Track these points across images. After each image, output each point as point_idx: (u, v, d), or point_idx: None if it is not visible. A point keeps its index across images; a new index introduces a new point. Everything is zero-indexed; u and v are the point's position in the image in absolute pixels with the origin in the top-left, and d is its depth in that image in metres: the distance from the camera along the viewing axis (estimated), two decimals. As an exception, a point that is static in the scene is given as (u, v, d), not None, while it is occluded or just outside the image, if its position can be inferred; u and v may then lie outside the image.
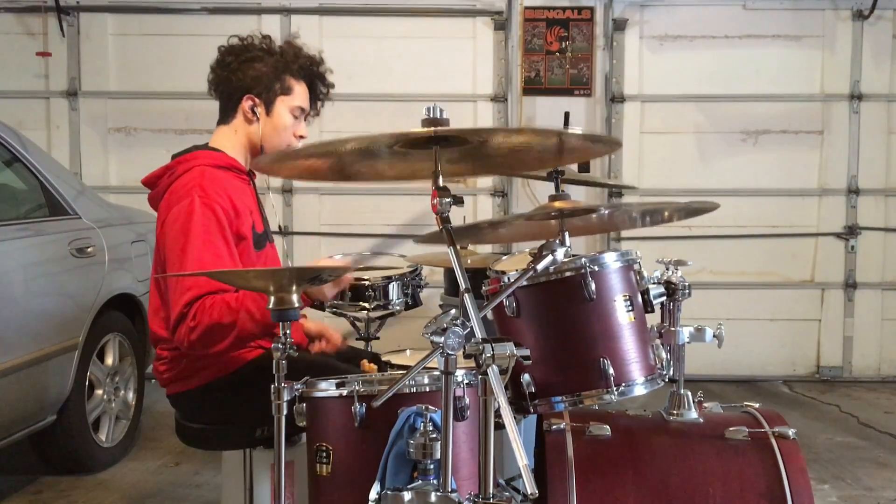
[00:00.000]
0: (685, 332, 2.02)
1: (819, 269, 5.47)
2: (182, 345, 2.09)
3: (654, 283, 1.99)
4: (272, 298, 1.72)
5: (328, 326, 2.55)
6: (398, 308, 3.09)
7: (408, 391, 1.74)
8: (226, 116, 2.41)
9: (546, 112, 5.31)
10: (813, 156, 5.43)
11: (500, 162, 1.87)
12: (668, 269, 2.03)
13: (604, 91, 5.36)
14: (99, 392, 3.74)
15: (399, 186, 5.21)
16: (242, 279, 1.90)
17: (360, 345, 3.17)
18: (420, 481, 1.61)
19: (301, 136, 2.42)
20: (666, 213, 2.26)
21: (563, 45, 5.34)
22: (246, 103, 2.35)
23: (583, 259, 1.87)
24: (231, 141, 2.39)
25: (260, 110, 2.35)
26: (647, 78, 5.40)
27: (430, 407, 1.65)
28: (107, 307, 3.69)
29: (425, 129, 1.52)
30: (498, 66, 5.38)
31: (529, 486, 1.31)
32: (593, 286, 1.84)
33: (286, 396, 1.73)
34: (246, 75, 2.34)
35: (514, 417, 1.44)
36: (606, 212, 2.27)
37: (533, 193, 5.35)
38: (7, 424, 3.14)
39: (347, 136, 1.56)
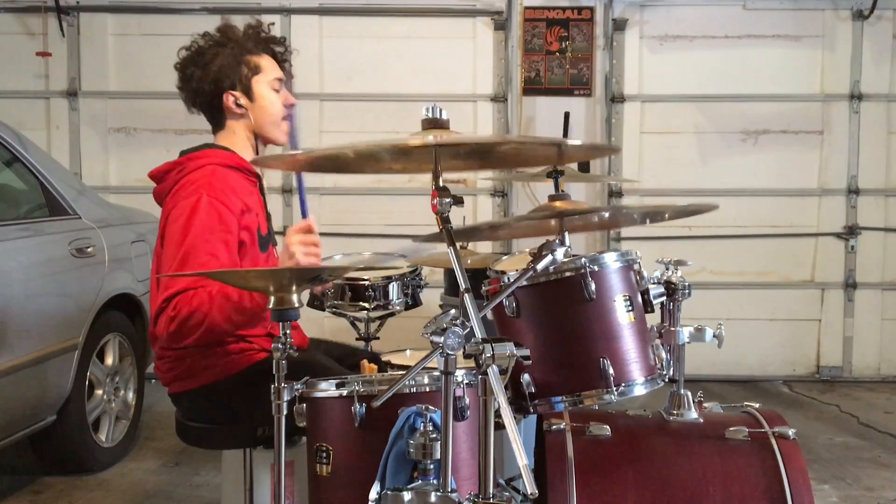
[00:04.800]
0: (685, 332, 2.02)
1: (819, 269, 5.47)
2: (162, 337, 2.06)
3: (654, 283, 1.99)
4: (272, 298, 1.72)
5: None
6: (398, 308, 3.09)
7: (408, 391, 1.74)
8: (218, 123, 2.38)
9: (546, 112, 5.31)
10: (813, 156, 5.42)
11: (502, 158, 1.87)
12: (667, 269, 2.03)
13: (604, 91, 5.36)
14: (99, 392, 3.74)
15: (399, 187, 5.21)
16: (242, 279, 1.89)
17: (360, 346, 3.16)
18: (420, 481, 1.61)
19: (291, 104, 2.39)
20: (667, 215, 2.26)
21: (563, 45, 5.33)
22: (228, 101, 2.32)
23: (583, 259, 1.86)
24: (231, 140, 2.36)
25: (243, 101, 2.32)
26: (647, 78, 5.40)
27: (430, 407, 1.64)
28: (107, 307, 3.69)
29: (424, 140, 1.51)
30: (498, 66, 5.37)
31: (529, 486, 1.31)
32: (593, 286, 1.84)
33: (286, 396, 1.73)
34: (213, 76, 2.30)
35: (514, 417, 1.44)
36: (607, 214, 2.28)
37: (533, 193, 5.35)
38: (7, 424, 3.14)
39: (347, 143, 1.56)
